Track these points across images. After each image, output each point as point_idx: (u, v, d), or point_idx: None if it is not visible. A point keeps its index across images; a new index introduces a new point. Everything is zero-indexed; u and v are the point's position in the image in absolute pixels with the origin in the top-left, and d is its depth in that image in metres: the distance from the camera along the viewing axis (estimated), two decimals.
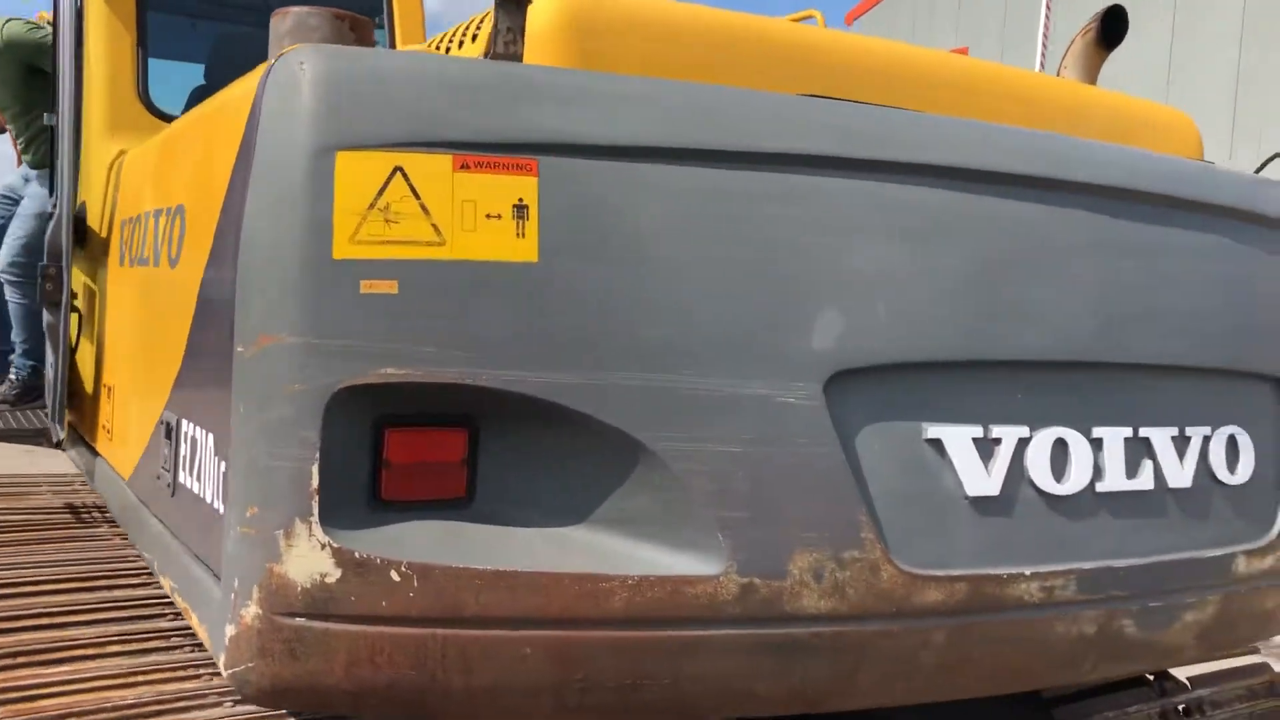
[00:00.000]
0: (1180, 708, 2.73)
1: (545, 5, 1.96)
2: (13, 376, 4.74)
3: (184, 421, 2.02)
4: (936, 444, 1.81)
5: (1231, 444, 2.13)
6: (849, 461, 1.73)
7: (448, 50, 2.28)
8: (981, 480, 1.83)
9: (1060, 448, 1.91)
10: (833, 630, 1.72)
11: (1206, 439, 2.09)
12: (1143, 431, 2.00)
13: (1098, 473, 1.94)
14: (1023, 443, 1.87)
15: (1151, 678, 2.79)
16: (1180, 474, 2.04)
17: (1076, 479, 1.91)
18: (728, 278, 1.68)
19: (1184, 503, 2.05)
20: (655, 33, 2.03)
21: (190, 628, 2.08)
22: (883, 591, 1.74)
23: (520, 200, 1.61)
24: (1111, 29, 2.79)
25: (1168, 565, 2.01)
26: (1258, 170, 3.18)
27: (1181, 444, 2.05)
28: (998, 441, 1.85)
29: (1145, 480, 1.99)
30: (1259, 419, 2.19)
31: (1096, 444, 1.95)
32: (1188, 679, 2.87)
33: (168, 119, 3.28)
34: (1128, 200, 1.96)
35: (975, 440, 1.83)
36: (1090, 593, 1.91)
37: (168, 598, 2.34)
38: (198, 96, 3.74)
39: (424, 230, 1.58)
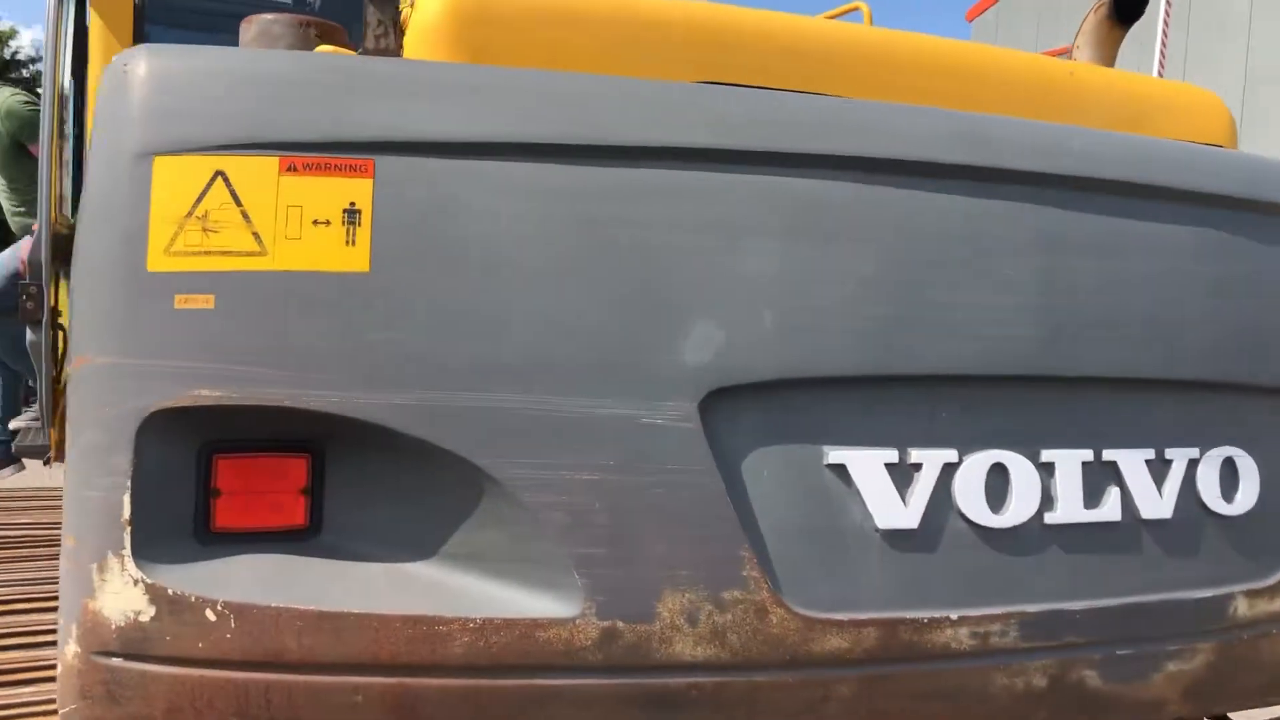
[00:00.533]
0: None
1: None
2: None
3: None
4: (840, 470, 1.59)
5: (1228, 467, 1.84)
6: (730, 490, 1.53)
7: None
8: (896, 511, 1.60)
9: (998, 474, 1.67)
10: (714, 680, 1.53)
11: (1193, 462, 1.81)
12: (1107, 455, 1.74)
13: (1047, 502, 1.69)
14: (949, 468, 1.64)
15: None
16: (1158, 503, 1.77)
17: (1019, 510, 1.67)
18: (586, 285, 1.51)
19: (1163, 537, 1.78)
20: (555, 21, 1.87)
21: None
22: (772, 637, 1.54)
23: (352, 204, 1.48)
24: (1127, 2, 2.51)
25: (1140, 608, 1.74)
26: None
27: (1160, 469, 1.78)
28: (918, 467, 1.62)
29: (1110, 511, 1.73)
30: (1266, 438, 1.89)
31: (1046, 469, 1.70)
32: None
33: None
34: (1083, 190, 1.71)
35: (889, 466, 1.61)
36: (1037, 639, 1.67)
37: None
38: None
39: (244, 239, 1.45)
